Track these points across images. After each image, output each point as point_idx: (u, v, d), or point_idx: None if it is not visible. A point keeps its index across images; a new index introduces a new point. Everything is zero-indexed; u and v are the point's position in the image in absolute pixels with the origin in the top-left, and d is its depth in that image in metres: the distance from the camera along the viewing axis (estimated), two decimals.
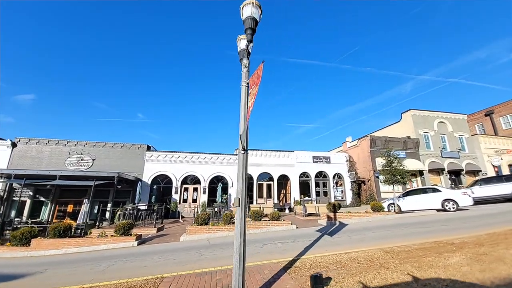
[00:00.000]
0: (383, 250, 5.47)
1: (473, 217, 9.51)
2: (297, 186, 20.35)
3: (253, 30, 3.97)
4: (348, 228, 9.23)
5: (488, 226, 7.57)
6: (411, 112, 25.20)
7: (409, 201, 13.43)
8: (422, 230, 7.78)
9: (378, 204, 11.82)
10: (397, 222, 9.78)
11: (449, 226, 8.18)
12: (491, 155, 25.19)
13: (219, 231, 9.44)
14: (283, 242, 7.24)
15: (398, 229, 8.32)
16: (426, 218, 10.44)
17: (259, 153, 20.33)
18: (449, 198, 12.28)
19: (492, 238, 5.84)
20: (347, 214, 11.04)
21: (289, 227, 9.92)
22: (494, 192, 15.36)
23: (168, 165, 18.45)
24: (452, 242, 5.76)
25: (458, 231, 7.15)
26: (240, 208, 3.47)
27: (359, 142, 24.74)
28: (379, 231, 8.10)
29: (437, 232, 7.33)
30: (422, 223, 9.16)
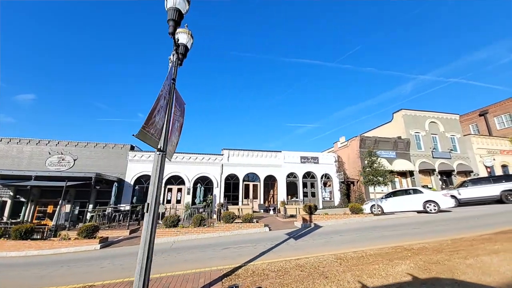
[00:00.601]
0: (336, 256, 5.17)
1: (450, 220, 9.21)
2: (284, 187, 20.04)
3: (175, 22, 3.66)
4: (319, 231, 8.93)
5: (460, 230, 7.27)
6: (402, 112, 24.88)
7: (391, 202, 13.13)
8: (392, 234, 7.48)
9: (356, 205, 11.51)
10: (373, 225, 9.47)
11: (421, 229, 7.87)
12: (483, 156, 24.86)
13: (188, 234, 9.16)
14: (244, 246, 6.95)
15: (369, 232, 8.02)
16: (403, 220, 10.13)
17: (245, 153, 20.03)
18: (430, 200, 11.98)
19: (456, 244, 5.54)
20: (324, 216, 10.74)
21: (261, 229, 9.62)
22: (482, 194, 15.05)
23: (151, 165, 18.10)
24: (411, 248, 5.46)
25: (426, 235, 6.85)
26: (149, 215, 3.17)
27: (349, 142, 24.43)
28: (348, 234, 7.80)
29: (405, 236, 7.02)
30: (396, 225, 8.86)
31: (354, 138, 23.47)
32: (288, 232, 8.96)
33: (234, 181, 19.36)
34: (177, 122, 4.20)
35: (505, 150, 26.64)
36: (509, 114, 29.64)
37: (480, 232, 6.69)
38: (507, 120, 29.82)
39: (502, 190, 14.46)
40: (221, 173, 19.03)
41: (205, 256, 6.17)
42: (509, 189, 14.35)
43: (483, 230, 6.94)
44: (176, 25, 3.69)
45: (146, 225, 3.14)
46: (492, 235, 6.21)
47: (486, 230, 6.84)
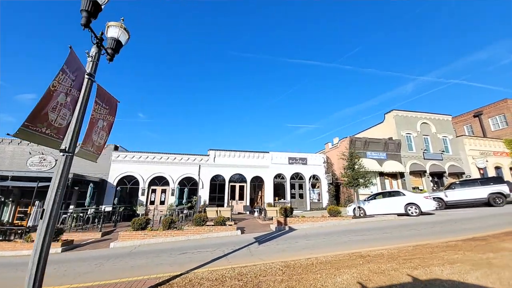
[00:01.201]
0: (285, 264, 4.88)
1: (427, 224, 8.91)
2: (271, 188, 19.76)
3: (88, 13, 3.38)
4: (290, 234, 8.64)
5: (430, 235, 6.98)
6: (394, 113, 24.60)
7: (374, 205, 12.83)
8: (360, 238, 7.19)
9: (334, 208, 11.21)
10: (347, 228, 9.18)
11: (392, 234, 7.58)
12: (476, 157, 24.52)
13: (156, 237, 8.88)
14: (203, 251, 6.67)
15: (338, 236, 7.73)
16: (381, 223, 9.83)
17: (232, 154, 19.76)
18: (412, 202, 11.67)
19: (415, 252, 5.25)
20: (300, 219, 10.46)
21: (232, 233, 9.34)
22: (469, 196, 14.76)
23: (136, 166, 17.91)
24: (367, 255, 5.17)
25: (392, 241, 6.56)
26: (43, 222, 2.89)
27: (340, 143, 24.14)
28: (315, 239, 7.52)
29: (371, 241, 6.74)
30: (370, 229, 8.56)
31: (344, 139, 23.18)
32: (258, 236, 8.68)
33: (220, 182, 19.09)
34: (101, 121, 3.93)
35: (498, 152, 26.30)
36: (503, 115, 29.28)
37: (450, 238, 6.40)
38: (501, 121, 29.48)
39: (490, 193, 14.16)
40: (207, 174, 18.76)
41: (156, 262, 5.90)
42: (497, 192, 14.05)
43: (455, 235, 6.65)
44: (90, 16, 3.42)
45: (39, 232, 2.87)
46: (460, 241, 5.92)
47: (457, 236, 6.55)
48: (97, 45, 3.75)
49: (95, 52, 3.75)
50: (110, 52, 4.07)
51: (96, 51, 3.76)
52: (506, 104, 29.08)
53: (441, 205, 15.31)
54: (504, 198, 13.81)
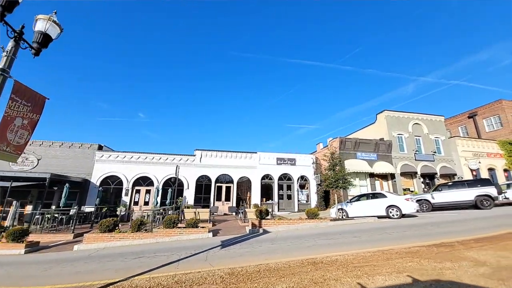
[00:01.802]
0: (230, 271, 4.62)
1: (403, 227, 8.63)
2: (258, 189, 19.49)
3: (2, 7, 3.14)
4: (260, 238, 8.38)
5: (399, 239, 6.71)
6: (385, 113, 24.30)
7: (356, 207, 12.55)
8: (326, 243, 6.92)
9: (312, 210, 10.93)
10: (321, 231, 8.91)
11: (361, 238, 7.30)
12: (468, 158, 24.20)
13: (123, 239, 8.63)
14: (160, 256, 6.40)
15: (306, 240, 7.45)
16: (356, 226, 9.55)
17: (219, 154, 19.50)
18: (393, 205, 11.39)
19: (371, 258, 4.98)
20: (276, 221, 10.18)
21: (203, 235, 9.08)
22: (456, 198, 14.47)
23: (120, 166, 17.66)
24: (320, 261, 4.90)
25: (357, 245, 6.29)
26: None
27: (330, 144, 23.87)
28: (282, 243, 7.25)
29: (337, 245, 6.47)
30: (342, 233, 8.29)
31: (335, 139, 22.90)
32: (227, 239, 8.42)
33: (206, 183, 18.83)
34: (20, 119, 3.67)
35: (492, 153, 25.98)
36: (498, 116, 28.98)
37: (417, 243, 6.12)
38: (496, 123, 29.16)
39: (477, 195, 13.88)
40: (193, 174, 18.50)
41: (106, 267, 5.64)
42: (484, 194, 13.76)
43: (424, 240, 6.38)
44: (4, 11, 3.19)
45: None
46: (425, 247, 5.65)
47: (426, 241, 6.28)
48: (15, 40, 3.50)
49: (11, 46, 3.50)
50: (35, 46, 3.83)
51: (13, 45, 3.51)
52: (501, 105, 28.78)
53: (427, 207, 15.03)
54: (491, 201, 13.51)
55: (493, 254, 4.63)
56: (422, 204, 15.31)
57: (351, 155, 22.12)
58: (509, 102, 29.42)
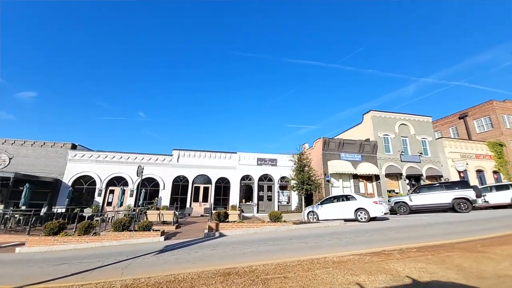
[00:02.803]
0: (129, 284, 4.20)
1: (359, 232, 8.20)
2: (237, 190, 19.06)
3: None
4: (210, 242, 7.96)
5: (340, 247, 6.30)
6: (371, 114, 23.87)
7: (326, 209, 12.13)
8: (268, 249, 6.50)
9: (275, 213, 10.51)
10: (276, 236, 8.48)
11: (308, 243, 6.88)
12: (456, 160, 23.75)
13: (68, 243, 8.22)
14: (85, 262, 5.99)
15: (251, 245, 7.03)
16: (317, 231, 9.13)
17: (197, 154, 19.10)
18: (361, 207, 10.96)
19: (289, 268, 4.57)
20: (235, 224, 9.76)
21: (154, 239, 8.65)
22: (433, 201, 14.06)
23: (94, 166, 17.27)
24: (235, 272, 4.48)
25: (297, 252, 5.90)
26: None
27: (315, 144, 23.45)
28: (223, 248, 6.84)
29: (280, 252, 6.07)
30: (296, 237, 7.86)
31: (318, 139, 22.48)
32: (176, 243, 8.01)
33: (183, 183, 18.42)
34: None
35: (481, 155, 25.54)
36: (488, 117, 28.52)
37: (358, 250, 5.71)
38: (486, 124, 28.71)
39: (454, 198, 13.45)
40: (169, 175, 18.10)
41: (17, 273, 5.25)
42: (462, 197, 13.33)
43: (368, 247, 5.97)
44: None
45: None
46: (359, 256, 5.22)
47: (369, 248, 5.87)
48: None
49: None
50: None
51: None
52: (492, 106, 28.33)
53: (405, 210, 14.61)
54: (469, 204, 13.07)
55: (421, 267, 4.21)
56: (400, 206, 14.90)
57: (335, 156, 21.68)
58: (500, 103, 28.99)
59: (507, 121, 28.02)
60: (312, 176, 11.92)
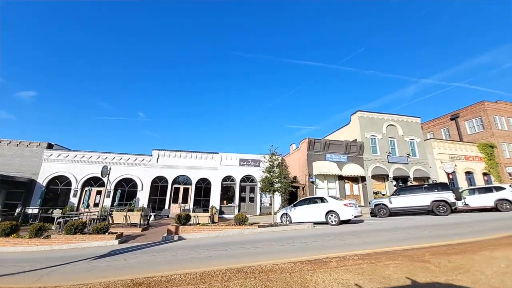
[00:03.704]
0: None
1: (322, 236, 7.82)
2: (218, 191, 18.69)
3: None
4: (163, 246, 7.60)
5: (288, 253, 5.93)
6: (358, 114, 23.52)
7: (299, 212, 11.76)
8: (214, 254, 6.13)
9: (240, 215, 10.12)
10: (236, 240, 8.11)
11: (257, 249, 6.50)
12: (444, 161, 23.35)
13: (17, 245, 7.89)
14: (19, 265, 5.64)
15: (196, 251, 6.66)
16: (279, 234, 8.75)
17: (178, 154, 18.74)
18: (332, 210, 10.59)
19: (210, 278, 4.19)
20: (196, 227, 9.38)
21: (108, 242, 8.28)
22: (413, 203, 13.67)
23: (70, 165, 16.91)
24: (149, 282, 4.11)
25: (238, 258, 5.53)
26: None
27: (301, 144, 23.09)
28: (165, 254, 6.47)
29: (225, 258, 5.69)
30: (252, 242, 7.49)
31: (304, 140, 22.12)
32: (128, 247, 7.66)
33: (162, 184, 18.05)
34: None
35: (471, 156, 25.15)
36: (480, 118, 28.12)
37: (300, 257, 5.32)
38: (478, 125, 28.31)
39: (433, 200, 13.06)
40: (148, 175, 17.73)
41: None
42: (440, 200, 12.93)
43: (314, 254, 5.60)
44: None
45: None
46: (293, 264, 4.84)
47: (312, 255, 5.49)
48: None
49: None
50: None
51: None
52: (483, 107, 27.92)
53: (385, 212, 14.23)
54: (448, 207, 12.67)
55: (344, 278, 3.82)
56: (380, 209, 14.52)
57: (320, 157, 21.33)
58: (491, 103, 28.58)
59: (498, 122, 27.63)
60: (281, 177, 11.53)
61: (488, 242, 5.98)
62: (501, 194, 13.44)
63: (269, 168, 11.61)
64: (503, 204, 13.19)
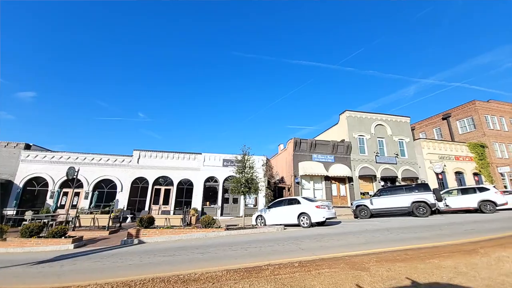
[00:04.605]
0: None
1: (279, 240, 7.48)
2: (201, 192, 18.35)
3: None
4: (117, 251, 7.27)
5: (225, 259, 5.60)
6: (347, 114, 23.21)
7: (273, 214, 11.41)
8: (159, 260, 5.80)
9: (206, 218, 9.77)
10: (196, 244, 7.77)
11: (205, 255, 6.18)
12: (433, 161, 23.02)
13: None
14: None
15: (149, 256, 6.34)
16: (242, 238, 8.42)
17: (159, 155, 18.41)
18: (304, 212, 10.25)
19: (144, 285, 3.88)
20: (158, 231, 9.04)
21: (64, 246, 7.95)
22: (393, 204, 13.34)
23: (47, 166, 16.59)
24: None
25: (169, 266, 5.19)
26: None
27: (287, 144, 22.77)
28: (103, 261, 6.14)
29: (161, 264, 5.36)
30: (208, 246, 7.15)
31: (291, 140, 21.80)
32: (81, 252, 7.33)
33: (143, 185, 17.72)
34: None
35: (461, 156, 24.81)
36: (471, 118, 27.79)
37: (237, 265, 5.02)
38: (469, 124, 27.98)
39: (413, 201, 12.73)
40: (128, 176, 17.40)
41: None
42: (420, 200, 12.60)
43: (257, 260, 5.29)
44: None
45: None
46: (225, 272, 4.53)
47: (255, 262, 5.18)
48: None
49: None
50: None
51: None
52: (474, 106, 27.59)
53: (366, 214, 13.91)
54: (428, 208, 12.34)
55: None
56: (361, 210, 14.19)
57: (306, 157, 21.02)
58: (483, 103, 28.25)
59: (490, 122, 27.31)
60: (252, 178, 11.21)
61: (447, 247, 5.65)
62: (484, 195, 13.11)
63: (240, 168, 11.27)
64: (487, 206, 12.86)
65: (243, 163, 11.38)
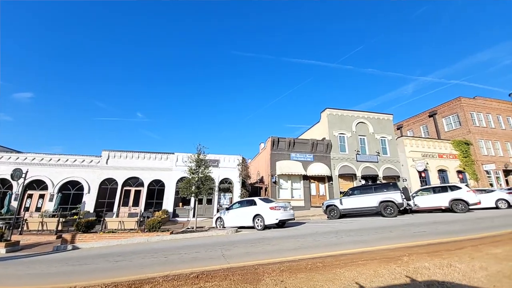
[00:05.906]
0: None
1: (217, 245, 7.00)
2: (173, 193, 17.83)
3: None
4: (43, 258, 6.78)
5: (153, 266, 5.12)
6: (327, 112, 22.72)
7: (231, 215, 10.92)
8: (66, 270, 5.31)
9: (152, 221, 9.27)
10: (129, 250, 7.27)
11: (118, 263, 5.68)
12: (416, 159, 22.58)
13: None
14: None
15: (67, 264, 5.85)
16: (188, 242, 7.90)
17: (129, 155, 17.88)
18: (259, 214, 9.76)
19: None
20: (97, 235, 8.54)
21: None
22: (362, 204, 12.88)
23: (11, 168, 15.96)
24: None
25: (88, 275, 4.70)
26: None
27: (266, 143, 22.28)
28: (18, 267, 5.65)
29: (71, 274, 4.87)
30: (139, 252, 6.66)
31: (269, 139, 21.30)
32: (9, 256, 6.83)
33: (112, 186, 17.18)
34: None
35: (444, 154, 24.38)
36: (456, 115, 27.38)
37: (138, 275, 4.53)
38: (454, 122, 27.57)
39: (381, 201, 12.26)
40: (96, 177, 16.86)
41: None
42: (388, 200, 12.14)
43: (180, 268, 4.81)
44: None
45: None
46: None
47: (157, 272, 4.70)
48: None
49: None
50: None
51: None
52: (460, 103, 27.16)
53: (335, 214, 13.43)
54: (395, 208, 11.88)
55: None
56: (331, 210, 13.71)
57: (285, 156, 20.53)
58: (469, 99, 27.81)
59: (476, 119, 26.89)
60: (206, 179, 10.72)
61: (373, 253, 5.17)
62: (456, 194, 12.66)
63: (194, 169, 10.77)
64: (458, 205, 12.40)
65: (198, 163, 10.85)
